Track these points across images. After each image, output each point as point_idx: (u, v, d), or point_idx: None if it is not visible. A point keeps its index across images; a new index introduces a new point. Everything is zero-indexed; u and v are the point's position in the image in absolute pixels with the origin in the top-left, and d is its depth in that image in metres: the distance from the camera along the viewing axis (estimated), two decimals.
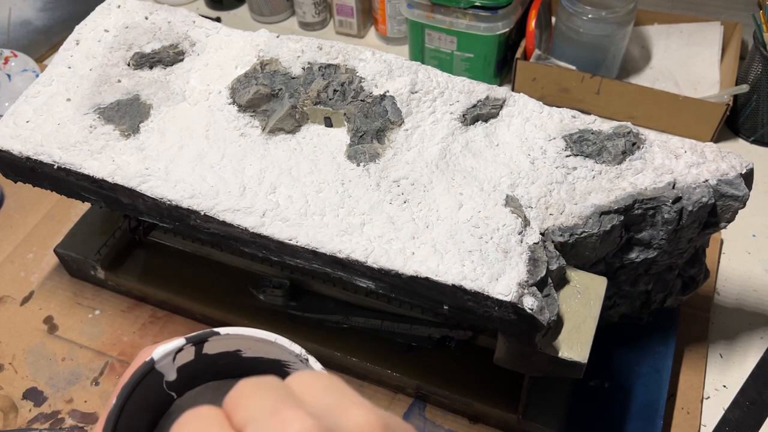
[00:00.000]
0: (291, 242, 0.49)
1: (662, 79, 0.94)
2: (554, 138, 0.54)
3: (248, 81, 0.57)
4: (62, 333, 0.71)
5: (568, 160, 0.52)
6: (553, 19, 0.96)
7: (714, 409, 0.63)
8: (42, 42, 1.10)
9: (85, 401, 0.65)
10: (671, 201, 0.50)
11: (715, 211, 0.52)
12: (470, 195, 0.50)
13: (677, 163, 0.52)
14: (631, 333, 0.64)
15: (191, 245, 0.73)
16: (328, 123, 0.55)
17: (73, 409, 0.65)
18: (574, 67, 0.87)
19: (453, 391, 0.61)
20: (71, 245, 0.73)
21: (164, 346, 0.27)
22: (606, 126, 0.54)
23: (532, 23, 0.89)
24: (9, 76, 0.96)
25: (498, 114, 0.56)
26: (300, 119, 0.55)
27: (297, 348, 0.28)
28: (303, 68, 0.57)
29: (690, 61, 0.94)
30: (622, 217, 0.50)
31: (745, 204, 0.52)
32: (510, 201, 0.50)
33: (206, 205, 0.51)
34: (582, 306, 0.49)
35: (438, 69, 0.57)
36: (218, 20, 1.05)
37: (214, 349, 0.29)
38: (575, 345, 0.47)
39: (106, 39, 0.62)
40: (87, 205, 0.78)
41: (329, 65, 0.57)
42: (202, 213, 0.51)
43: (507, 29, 0.88)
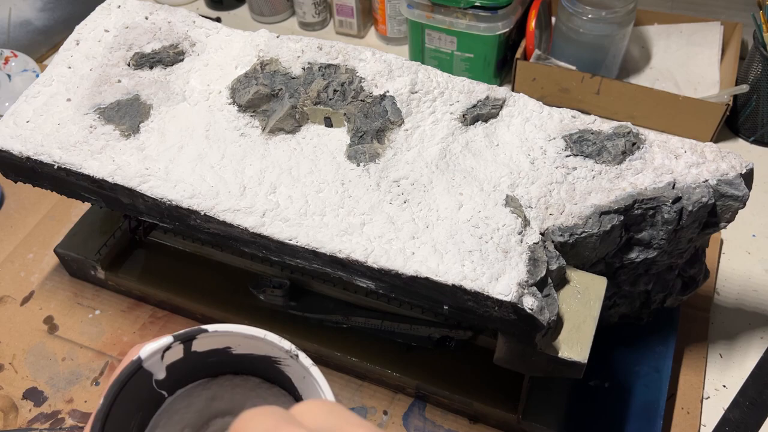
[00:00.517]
0: (291, 242, 0.49)
1: (662, 79, 0.94)
2: (554, 138, 0.54)
3: (248, 81, 0.57)
4: (62, 333, 0.71)
5: (568, 160, 0.52)
6: (553, 19, 0.96)
7: (714, 409, 0.63)
8: (42, 42, 1.10)
9: (85, 401, 0.65)
10: (671, 201, 0.50)
11: (715, 211, 0.52)
12: (470, 195, 0.50)
13: (677, 163, 0.52)
14: (631, 333, 0.64)
15: (191, 245, 0.73)
16: (328, 123, 0.55)
17: (74, 409, 0.65)
18: (574, 67, 0.87)
19: (453, 391, 0.61)
20: (71, 245, 0.73)
21: (151, 345, 0.27)
22: (606, 126, 0.54)
23: (532, 23, 0.89)
24: (9, 76, 0.96)
25: (498, 114, 0.56)
26: (300, 119, 0.55)
27: (287, 344, 0.28)
28: (303, 68, 0.57)
29: (690, 61, 0.94)
30: (622, 217, 0.50)
31: (745, 204, 0.52)
32: (510, 201, 0.50)
33: (206, 205, 0.51)
34: (582, 306, 0.49)
35: (438, 69, 0.57)
36: (218, 20, 1.05)
37: (204, 347, 0.28)
38: (575, 345, 0.47)
39: (106, 39, 0.62)
40: (87, 205, 0.78)
41: (329, 65, 0.57)
42: (202, 213, 0.51)
43: (507, 29, 0.88)
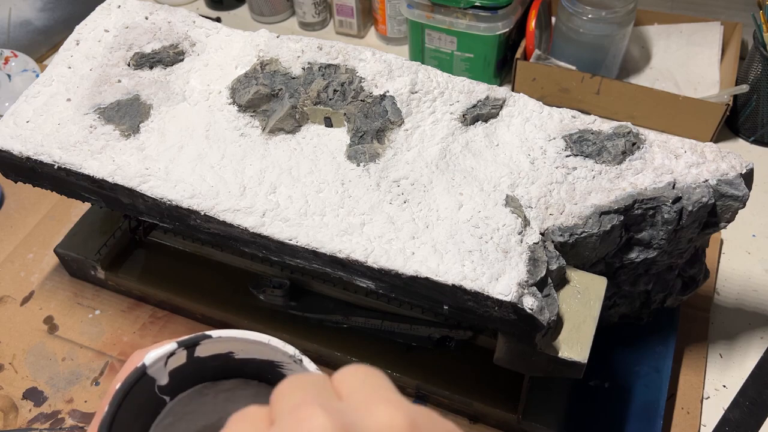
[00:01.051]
0: (291, 242, 0.49)
1: (662, 79, 0.94)
2: (554, 138, 0.54)
3: (248, 81, 0.57)
4: (62, 333, 0.71)
5: (568, 160, 0.52)
6: (553, 19, 0.96)
7: (714, 409, 0.63)
8: (42, 42, 1.10)
9: (86, 401, 0.65)
10: (671, 201, 0.50)
11: (715, 211, 0.52)
12: (470, 195, 0.50)
13: (677, 163, 0.52)
14: (631, 333, 0.64)
15: (191, 245, 0.73)
16: (328, 123, 0.55)
17: (74, 409, 0.65)
18: (574, 67, 0.87)
19: (453, 391, 0.61)
20: (71, 245, 0.73)
21: (155, 351, 0.27)
22: (606, 126, 0.54)
23: (532, 23, 0.89)
24: (9, 76, 0.96)
25: (498, 114, 0.56)
26: (300, 119, 0.55)
27: (291, 349, 0.28)
28: (303, 68, 0.57)
29: (690, 61, 0.94)
30: (622, 217, 0.50)
31: (745, 204, 0.52)
32: (510, 201, 0.50)
33: (206, 205, 0.51)
34: (582, 306, 0.49)
35: (438, 69, 0.57)
36: (218, 20, 1.05)
37: (207, 352, 0.28)
38: (575, 345, 0.47)
39: (106, 39, 0.62)
40: (87, 205, 0.78)
41: (329, 65, 0.57)
42: (202, 213, 0.51)
43: (507, 29, 0.88)
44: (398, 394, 0.22)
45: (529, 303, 0.44)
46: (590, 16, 0.85)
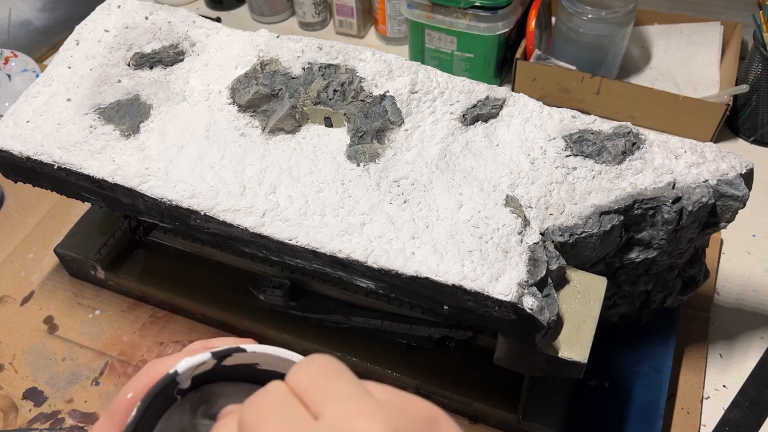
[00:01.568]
0: (291, 242, 0.49)
1: (662, 79, 0.94)
2: (554, 138, 0.54)
3: (248, 81, 0.57)
4: (62, 333, 0.71)
5: (568, 160, 0.52)
6: (553, 19, 0.96)
7: (714, 409, 0.63)
8: (42, 42, 1.10)
9: (86, 401, 0.65)
10: (671, 201, 0.50)
11: (715, 211, 0.52)
12: (470, 195, 0.50)
13: (677, 163, 0.52)
14: (631, 333, 0.64)
15: (191, 245, 0.73)
16: (328, 123, 0.55)
17: (74, 409, 0.65)
18: (574, 67, 0.87)
19: (453, 391, 0.61)
20: (71, 245, 0.73)
21: (189, 360, 0.27)
22: (606, 126, 0.54)
23: (532, 23, 0.89)
24: (9, 76, 0.96)
25: (498, 114, 0.56)
26: (300, 119, 0.55)
27: None
28: (303, 68, 0.57)
29: (690, 61, 0.94)
30: (622, 217, 0.50)
31: (745, 204, 0.52)
32: (510, 201, 0.50)
33: (206, 205, 0.51)
34: (582, 306, 0.49)
35: (438, 69, 0.57)
36: (218, 20, 1.05)
37: (233, 362, 0.29)
38: (575, 345, 0.47)
39: (106, 39, 0.62)
40: (87, 205, 0.78)
41: (329, 65, 0.57)
42: (202, 213, 0.51)
43: (507, 29, 0.88)
44: (359, 388, 0.23)
45: (529, 303, 0.44)
46: (590, 16, 0.85)
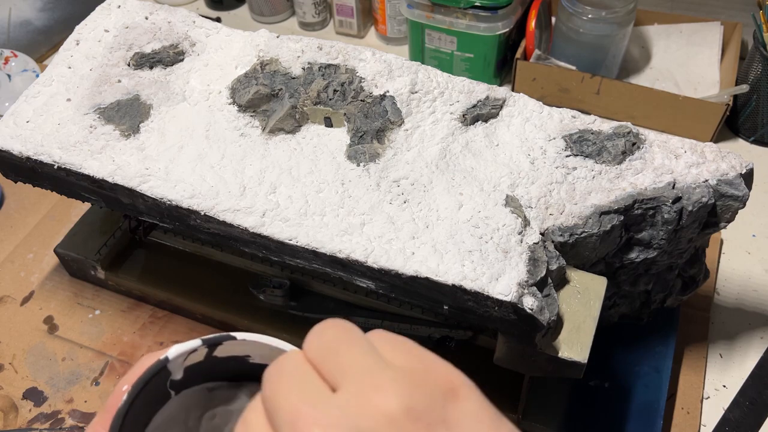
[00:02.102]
0: (291, 242, 0.49)
1: (662, 79, 0.94)
2: (554, 138, 0.54)
3: (248, 81, 0.57)
4: (62, 333, 0.71)
5: (568, 160, 0.52)
6: (553, 19, 0.96)
7: (714, 409, 0.63)
8: (42, 42, 1.10)
9: (86, 401, 0.65)
10: (671, 201, 0.50)
11: (715, 211, 0.52)
12: (470, 195, 0.50)
13: (677, 163, 0.52)
14: (631, 333, 0.64)
15: (191, 245, 0.73)
16: (328, 123, 0.55)
17: (74, 409, 0.65)
18: (574, 67, 0.87)
19: None
20: (71, 245, 0.73)
21: (180, 346, 0.27)
22: (606, 126, 0.54)
23: (532, 23, 0.89)
24: (9, 76, 0.96)
25: (498, 114, 0.56)
26: (300, 119, 0.55)
27: None
28: (303, 68, 0.57)
29: (690, 61, 0.94)
30: (622, 217, 0.50)
31: (745, 204, 0.52)
32: (510, 201, 0.50)
33: (206, 205, 0.51)
34: (582, 306, 0.49)
35: (438, 69, 0.57)
36: (218, 20, 1.05)
37: (225, 353, 0.29)
38: (575, 345, 0.47)
39: (106, 39, 0.62)
40: (87, 205, 0.78)
41: (329, 65, 0.57)
42: (202, 213, 0.51)
43: (507, 29, 0.88)
44: (375, 358, 0.23)
45: (529, 303, 0.44)
46: (590, 16, 0.85)
